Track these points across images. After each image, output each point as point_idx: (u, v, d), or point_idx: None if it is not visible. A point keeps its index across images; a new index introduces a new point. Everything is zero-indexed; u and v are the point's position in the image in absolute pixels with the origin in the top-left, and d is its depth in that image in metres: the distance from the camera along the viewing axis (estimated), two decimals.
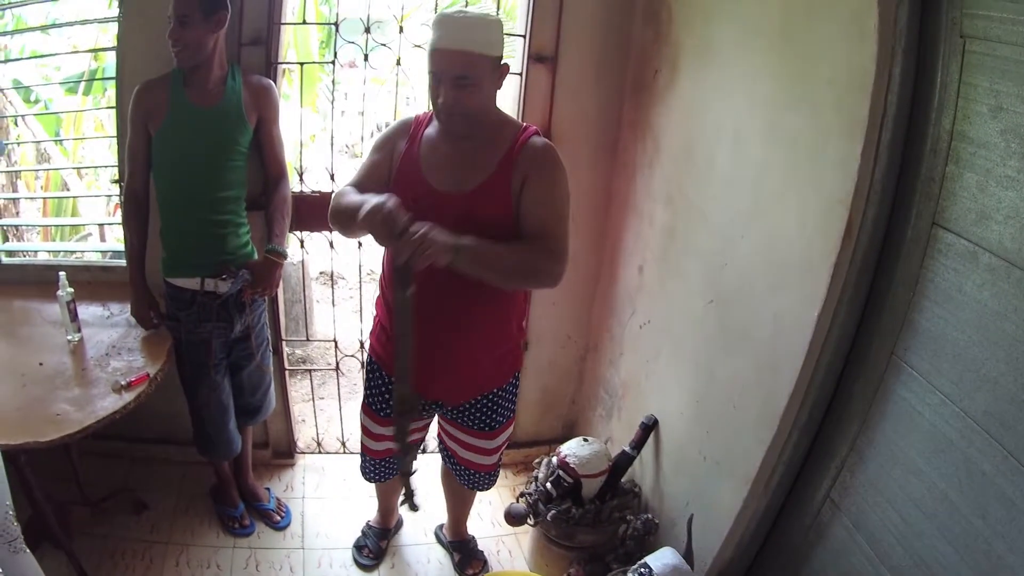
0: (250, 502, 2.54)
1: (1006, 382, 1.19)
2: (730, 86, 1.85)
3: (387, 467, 2.13)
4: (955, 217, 1.30)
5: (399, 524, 2.54)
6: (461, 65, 1.54)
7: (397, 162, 1.73)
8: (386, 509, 2.43)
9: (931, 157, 1.34)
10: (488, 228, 1.59)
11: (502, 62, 1.62)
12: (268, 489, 2.62)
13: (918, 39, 1.32)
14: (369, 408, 2.00)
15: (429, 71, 1.59)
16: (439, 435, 2.14)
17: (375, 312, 1.95)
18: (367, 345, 2.03)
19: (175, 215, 2.04)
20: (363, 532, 2.47)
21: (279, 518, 2.53)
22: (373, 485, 2.28)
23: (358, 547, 2.42)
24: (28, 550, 1.61)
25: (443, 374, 1.83)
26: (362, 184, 1.71)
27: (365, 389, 2.02)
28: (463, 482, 2.16)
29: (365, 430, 2.05)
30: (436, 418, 2.09)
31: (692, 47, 2.03)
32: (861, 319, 1.55)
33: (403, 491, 1.96)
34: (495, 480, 2.17)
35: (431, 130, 1.72)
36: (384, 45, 2.38)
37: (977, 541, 1.24)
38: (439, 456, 2.25)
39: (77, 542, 2.17)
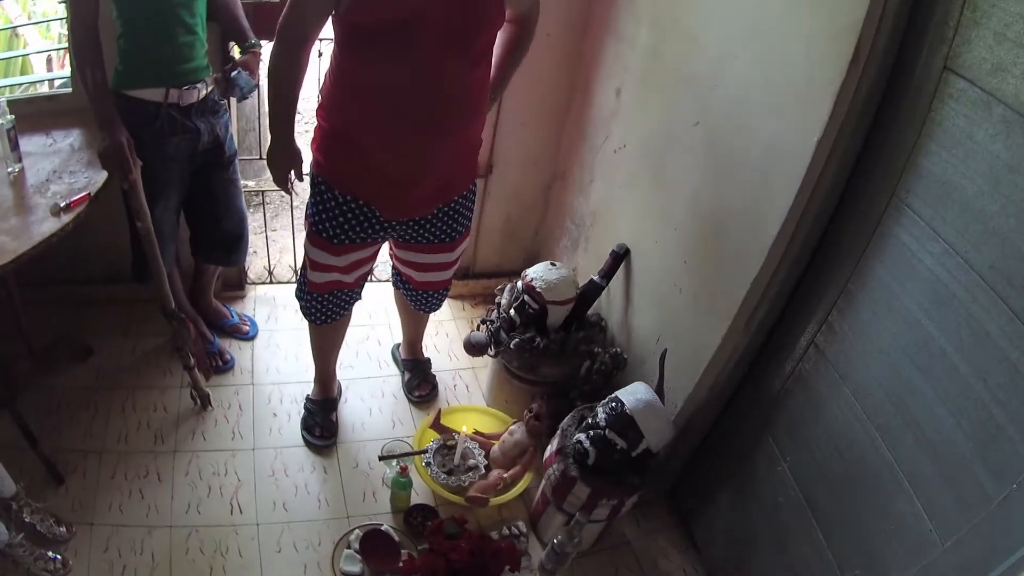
0: (214, 322, 2.53)
1: (1016, 239, 1.12)
2: None
3: (333, 305, 1.97)
4: (969, 64, 1.21)
5: (340, 390, 2.37)
6: None
7: None
8: (325, 373, 2.26)
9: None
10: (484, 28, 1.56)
11: None
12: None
13: None
14: (318, 236, 1.79)
15: None
16: (393, 265, 2.12)
17: (316, 122, 1.75)
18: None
19: (143, 18, 1.82)
20: (308, 410, 2.25)
21: (247, 328, 2.58)
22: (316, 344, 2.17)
23: (307, 427, 2.22)
24: None
25: (414, 185, 1.73)
26: None
27: (312, 214, 1.79)
28: (418, 307, 2.17)
29: (311, 261, 1.86)
30: (388, 247, 2.03)
31: None
32: (861, 154, 1.44)
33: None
34: (446, 295, 2.19)
35: None
36: None
37: (975, 406, 1.19)
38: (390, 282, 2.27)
39: (21, 398, 2.06)
